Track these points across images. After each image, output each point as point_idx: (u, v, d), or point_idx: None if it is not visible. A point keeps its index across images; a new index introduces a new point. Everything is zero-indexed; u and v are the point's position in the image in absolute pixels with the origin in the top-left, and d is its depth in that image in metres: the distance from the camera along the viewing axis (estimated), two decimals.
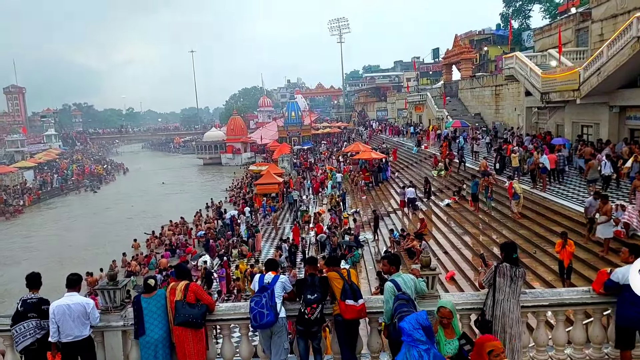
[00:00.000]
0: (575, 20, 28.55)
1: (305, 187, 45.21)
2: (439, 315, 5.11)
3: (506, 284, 5.52)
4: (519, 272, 5.55)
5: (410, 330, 4.52)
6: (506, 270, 5.56)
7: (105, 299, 6.13)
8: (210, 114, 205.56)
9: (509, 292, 5.50)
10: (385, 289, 5.55)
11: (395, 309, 5.32)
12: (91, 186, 66.15)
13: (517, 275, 5.52)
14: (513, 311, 5.46)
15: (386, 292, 5.53)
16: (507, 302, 5.50)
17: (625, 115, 21.20)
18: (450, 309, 5.08)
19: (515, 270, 5.54)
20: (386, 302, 5.50)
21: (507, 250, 5.75)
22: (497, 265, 5.72)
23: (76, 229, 41.48)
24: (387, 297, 5.48)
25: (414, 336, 4.48)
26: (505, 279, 5.54)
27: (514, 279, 5.50)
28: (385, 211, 28.18)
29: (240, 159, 79.62)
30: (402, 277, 5.65)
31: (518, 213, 18.67)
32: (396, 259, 6.02)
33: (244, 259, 25.31)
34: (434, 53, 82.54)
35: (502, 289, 5.55)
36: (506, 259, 5.70)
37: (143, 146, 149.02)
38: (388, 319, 5.46)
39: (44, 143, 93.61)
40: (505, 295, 5.52)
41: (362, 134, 66.36)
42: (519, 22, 57.32)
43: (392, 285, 5.52)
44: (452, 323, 5.09)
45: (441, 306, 5.16)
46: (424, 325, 4.54)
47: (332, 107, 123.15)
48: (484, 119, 42.15)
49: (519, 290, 5.52)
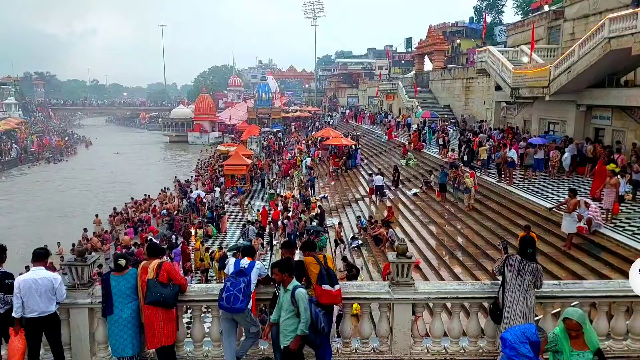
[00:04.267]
0: (548, 18, 29.01)
1: (274, 170, 45.00)
2: (565, 326, 4.37)
3: (512, 275, 5.55)
4: (529, 267, 5.48)
5: (515, 343, 4.15)
6: (514, 262, 5.57)
7: (72, 275, 5.92)
8: (177, 90, 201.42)
9: (515, 283, 5.53)
10: (301, 296, 5.26)
11: (316, 314, 5.24)
12: (52, 159, 64.27)
13: (525, 269, 5.49)
14: (518, 303, 5.48)
15: (304, 299, 5.26)
16: (512, 293, 5.53)
17: (591, 114, 21.76)
18: (577, 320, 4.30)
19: (526, 264, 5.50)
20: (305, 309, 5.22)
21: (522, 244, 5.75)
22: (507, 256, 5.78)
23: (34, 200, 40.35)
24: (305, 305, 5.23)
25: (519, 350, 4.11)
26: (512, 271, 5.56)
27: (521, 272, 5.50)
28: (353, 197, 28.29)
29: (208, 139, 78.50)
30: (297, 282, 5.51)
31: (470, 206, 19.30)
32: (288, 264, 5.62)
33: (208, 239, 25.14)
34: (407, 42, 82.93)
35: (508, 279, 5.59)
36: (520, 252, 5.70)
37: (107, 120, 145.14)
38: (306, 328, 5.25)
39: (3, 111, 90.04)
40: (511, 286, 5.55)
41: (333, 118, 66.47)
42: (492, 17, 58.03)
43: (304, 290, 5.37)
44: (585, 334, 4.37)
45: (566, 317, 4.38)
46: (531, 341, 4.13)
47: (303, 90, 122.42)
48: (454, 111, 42.64)
49: (526, 284, 5.49)
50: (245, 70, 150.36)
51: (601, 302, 6.07)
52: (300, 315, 5.24)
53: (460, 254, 16.32)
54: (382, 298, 6.12)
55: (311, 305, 5.25)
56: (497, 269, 5.87)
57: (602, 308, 6.08)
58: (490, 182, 20.93)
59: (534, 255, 5.63)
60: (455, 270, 15.32)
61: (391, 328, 6.12)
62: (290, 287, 5.35)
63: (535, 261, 5.59)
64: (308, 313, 5.22)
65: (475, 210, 19.10)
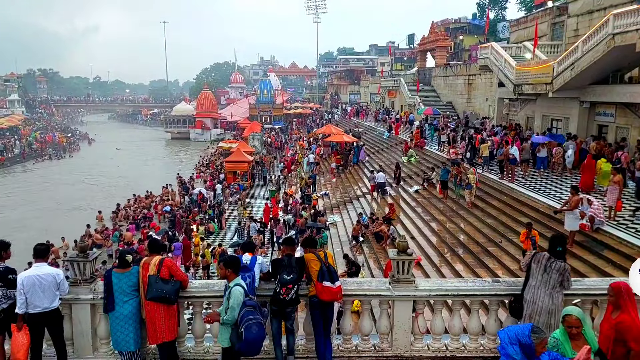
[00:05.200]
0: (551, 14, 28.90)
1: (276, 166, 45.00)
2: (565, 324, 4.35)
3: (539, 271, 5.52)
4: (555, 265, 5.42)
5: (504, 342, 4.09)
6: (542, 258, 5.54)
7: (74, 271, 5.95)
8: (179, 87, 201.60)
9: (540, 280, 5.49)
10: (234, 295, 5.21)
11: (242, 316, 5.13)
12: (55, 155, 64.43)
13: (551, 267, 5.43)
14: (542, 300, 5.43)
15: (235, 298, 5.20)
16: (537, 290, 5.51)
17: (594, 111, 21.68)
18: (577, 316, 4.32)
19: (553, 262, 5.45)
20: (232, 308, 5.18)
21: (552, 241, 5.70)
22: (536, 252, 5.78)
23: (42, 195, 40.49)
24: (234, 304, 5.18)
25: (507, 350, 4.05)
26: (538, 267, 5.54)
27: (548, 269, 5.45)
28: (354, 194, 28.28)
29: (210, 135, 78.43)
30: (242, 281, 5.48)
31: (470, 202, 19.27)
32: (236, 261, 5.61)
33: (209, 236, 25.20)
34: (409, 39, 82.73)
35: (534, 275, 5.57)
36: (550, 249, 5.64)
37: (109, 117, 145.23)
38: (230, 321, 5.23)
39: (7, 108, 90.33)
40: (537, 282, 5.52)
41: (334, 115, 66.42)
42: (495, 13, 57.83)
43: (242, 290, 5.29)
44: (584, 334, 4.38)
45: (566, 314, 4.38)
46: (522, 342, 3.99)
47: (305, 87, 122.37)
48: (456, 107, 42.55)
49: (552, 282, 5.42)
50: (247, 66, 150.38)
51: (603, 299, 6.03)
52: (228, 310, 5.23)
53: (462, 251, 16.30)
54: (382, 295, 6.13)
55: (242, 308, 5.17)
56: (524, 264, 5.89)
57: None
58: (492, 179, 20.90)
59: (563, 254, 5.57)
60: (456, 267, 15.31)
61: (392, 325, 6.12)
62: (231, 285, 5.36)
63: (564, 260, 5.54)
64: (234, 313, 5.17)
65: (477, 208, 19.08)
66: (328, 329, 6.02)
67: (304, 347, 6.24)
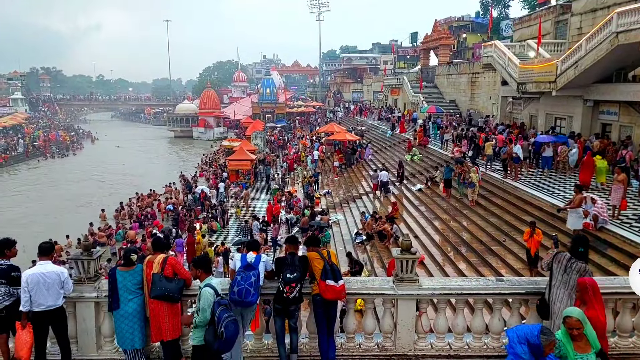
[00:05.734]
0: (555, 12, 28.80)
1: (278, 165, 45.02)
2: (566, 326, 4.33)
3: (559, 272, 5.51)
4: (576, 266, 5.37)
5: (513, 342, 4.13)
6: (563, 259, 5.52)
7: (78, 270, 5.96)
8: (182, 86, 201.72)
9: (560, 280, 5.47)
10: (204, 296, 5.23)
11: (219, 316, 5.10)
12: (58, 153, 64.63)
13: (572, 267, 5.39)
14: (562, 300, 5.40)
15: (205, 299, 5.21)
16: (557, 290, 5.49)
17: (598, 109, 21.62)
18: (577, 317, 4.30)
19: (574, 262, 5.40)
20: (203, 310, 5.19)
21: (574, 242, 5.67)
22: (557, 252, 5.75)
23: (41, 194, 40.69)
24: (205, 305, 5.19)
25: (515, 349, 4.09)
26: (559, 267, 5.52)
27: (568, 270, 5.42)
28: (357, 193, 28.26)
29: (212, 134, 78.53)
30: (215, 280, 5.48)
31: (473, 201, 19.27)
32: (206, 260, 5.63)
33: (212, 234, 25.24)
34: (413, 37, 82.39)
35: (555, 275, 5.56)
36: (571, 250, 5.60)
37: (113, 115, 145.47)
38: (202, 324, 5.23)
39: (10, 106, 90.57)
40: (557, 282, 5.51)
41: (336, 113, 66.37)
42: (498, 11, 57.65)
43: (212, 291, 5.28)
44: (586, 334, 4.34)
45: (567, 316, 4.37)
46: (530, 342, 4.05)
47: (307, 86, 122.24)
48: (459, 106, 42.45)
49: (571, 282, 5.37)
50: (249, 65, 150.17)
51: (607, 298, 6.01)
52: (200, 311, 5.25)
53: (465, 250, 16.28)
54: (386, 294, 6.12)
55: (216, 308, 5.16)
56: (545, 264, 5.83)
57: (608, 305, 6.03)
58: (495, 177, 20.86)
59: (585, 254, 5.53)
60: (460, 266, 15.30)
61: (395, 324, 6.12)
62: (202, 285, 5.38)
63: (585, 261, 5.49)
64: (206, 314, 5.18)
65: (480, 206, 19.05)
66: (331, 328, 6.02)
67: (307, 346, 6.24)
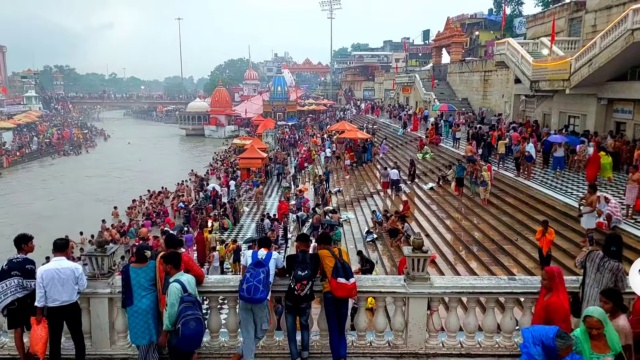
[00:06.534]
0: (569, 10, 28.51)
1: (289, 163, 45.08)
2: (586, 325, 4.27)
3: (592, 270, 5.48)
4: (609, 265, 5.34)
5: (527, 342, 4.08)
6: (596, 257, 5.49)
7: (92, 266, 6.03)
8: (194, 84, 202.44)
9: (593, 279, 5.44)
10: (170, 291, 5.29)
11: (180, 312, 5.18)
12: (72, 151, 65.28)
13: (605, 266, 5.37)
14: (595, 299, 5.33)
15: (172, 295, 5.27)
16: (590, 289, 5.46)
17: (612, 107, 21.40)
18: (598, 317, 4.22)
19: (607, 261, 5.37)
20: (171, 305, 5.24)
21: (607, 241, 5.64)
22: (590, 250, 5.73)
23: (55, 192, 41.15)
24: (173, 300, 5.24)
25: (529, 350, 4.04)
26: (592, 266, 5.50)
27: (601, 269, 5.39)
28: (368, 191, 28.22)
29: (224, 132, 78.81)
30: (185, 276, 5.49)
31: (485, 200, 19.16)
32: (176, 256, 5.64)
33: (223, 232, 25.35)
34: (424, 35, 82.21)
35: (588, 274, 5.53)
36: (604, 248, 5.57)
37: (125, 113, 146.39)
38: (171, 324, 5.28)
39: (24, 104, 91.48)
40: (590, 281, 5.48)
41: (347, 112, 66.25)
42: (512, 9, 57.25)
43: (179, 286, 5.32)
44: (606, 335, 4.27)
45: (587, 315, 4.29)
46: (545, 344, 3.98)
47: (318, 84, 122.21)
48: (471, 104, 42.24)
49: (604, 281, 5.34)
50: (261, 63, 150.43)
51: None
52: (167, 306, 5.28)
53: (477, 248, 16.18)
54: (397, 292, 6.12)
55: (180, 304, 5.21)
56: (578, 262, 5.81)
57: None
58: (508, 176, 20.73)
59: (618, 253, 5.49)
60: (471, 265, 15.22)
61: (406, 322, 6.12)
62: (171, 280, 5.41)
63: (619, 260, 5.44)
64: (173, 310, 5.22)
65: (492, 205, 18.94)
66: (342, 326, 6.03)
67: (318, 343, 6.26)
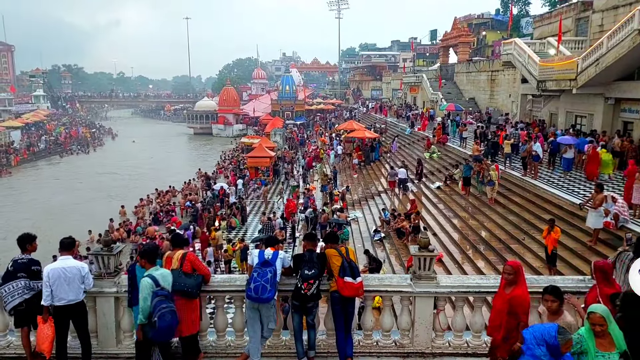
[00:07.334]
0: (576, 9, 28.35)
1: (297, 162, 45.12)
2: (589, 321, 4.22)
3: (622, 271, 5.44)
4: None
5: (531, 343, 4.02)
6: (626, 259, 5.46)
7: (99, 265, 6.07)
8: (202, 83, 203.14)
9: (623, 280, 5.37)
10: (142, 286, 5.31)
11: (155, 306, 5.17)
12: (80, 150, 65.67)
13: None
14: None
15: (144, 289, 5.28)
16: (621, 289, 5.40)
17: (620, 107, 21.27)
18: (601, 313, 4.17)
19: None
20: (144, 299, 5.25)
21: (638, 242, 5.57)
22: (620, 252, 5.70)
23: (63, 190, 41.38)
24: (145, 294, 5.26)
25: (534, 351, 3.98)
26: (622, 267, 5.46)
27: None
28: (376, 190, 28.22)
29: (232, 131, 78.92)
30: (160, 271, 5.48)
31: (492, 199, 19.11)
32: (151, 251, 5.68)
33: (231, 231, 25.43)
34: (432, 35, 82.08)
35: (618, 275, 5.50)
36: (635, 249, 5.48)
37: (133, 112, 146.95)
38: (145, 317, 5.27)
39: (32, 103, 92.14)
40: (620, 282, 5.42)
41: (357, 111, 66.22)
42: (519, 9, 57.06)
43: (151, 281, 5.31)
44: (611, 333, 4.20)
45: (591, 312, 4.23)
46: (549, 343, 3.93)
47: (327, 83, 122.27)
48: (478, 104, 42.12)
49: None
50: (269, 62, 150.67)
51: None
52: (140, 300, 5.31)
53: (484, 248, 16.15)
54: (404, 291, 6.11)
55: (154, 298, 5.22)
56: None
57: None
58: (515, 175, 20.66)
59: None
60: (478, 264, 15.18)
61: (413, 321, 6.12)
62: (145, 275, 5.43)
63: None
64: (147, 304, 5.24)
65: (499, 204, 18.89)
66: (349, 325, 6.03)
67: (324, 343, 6.27)
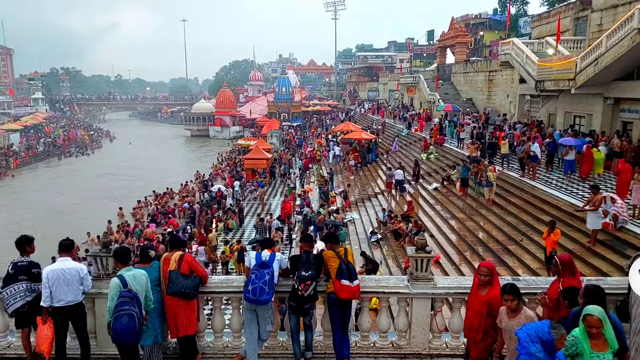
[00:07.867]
0: (574, 9, 28.36)
1: (294, 164, 45.10)
2: (585, 324, 4.15)
3: None
4: None
5: (525, 342, 4.03)
6: None
7: (97, 266, 6.06)
8: (199, 85, 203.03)
9: None
10: (110, 285, 5.36)
11: (116, 306, 5.20)
12: (79, 152, 65.63)
13: None
14: None
15: (111, 289, 5.33)
16: None
17: (619, 107, 21.28)
18: (598, 316, 4.13)
19: None
20: (110, 299, 5.30)
21: None
22: (637, 255, 5.63)
23: (62, 192, 41.41)
24: (112, 294, 5.29)
25: (528, 349, 3.99)
26: None
27: None
28: (372, 192, 28.20)
29: (229, 133, 78.96)
30: (132, 272, 5.47)
31: (490, 200, 19.11)
32: (122, 252, 5.73)
33: (228, 232, 25.38)
34: (429, 35, 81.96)
35: None
36: None
37: (130, 115, 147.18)
38: (110, 317, 5.32)
39: (31, 106, 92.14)
40: None
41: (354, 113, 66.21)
42: (516, 8, 57.06)
43: (118, 281, 5.33)
44: (604, 333, 4.19)
45: (587, 314, 4.18)
46: (543, 339, 3.97)
47: (323, 84, 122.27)
48: (476, 104, 42.13)
49: None
50: (265, 64, 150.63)
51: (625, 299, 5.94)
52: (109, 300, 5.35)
53: (481, 249, 16.14)
54: (401, 292, 6.13)
55: (119, 298, 5.24)
56: (627, 265, 5.75)
57: None
58: (512, 176, 20.66)
59: None
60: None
61: (410, 322, 6.12)
62: (117, 275, 5.46)
63: None
64: (112, 304, 5.26)
65: (497, 205, 18.88)
66: (346, 326, 6.04)
67: (321, 344, 6.27)
